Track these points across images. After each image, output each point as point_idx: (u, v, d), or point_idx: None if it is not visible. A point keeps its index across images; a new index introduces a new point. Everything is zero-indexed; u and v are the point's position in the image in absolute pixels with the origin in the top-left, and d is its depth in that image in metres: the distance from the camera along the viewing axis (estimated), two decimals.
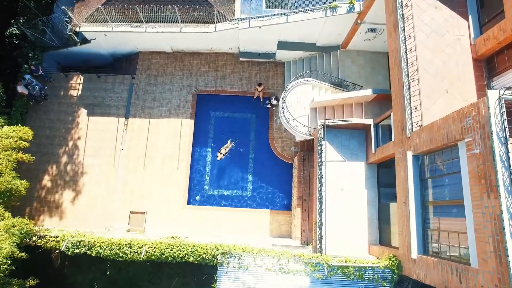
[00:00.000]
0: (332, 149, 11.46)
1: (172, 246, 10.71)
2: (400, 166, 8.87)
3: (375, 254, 10.13)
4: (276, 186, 15.54)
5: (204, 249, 10.49)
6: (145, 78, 16.94)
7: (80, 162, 15.79)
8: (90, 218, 15.09)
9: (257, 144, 16.13)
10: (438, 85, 8.96)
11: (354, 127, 11.53)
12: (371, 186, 11.20)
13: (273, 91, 16.51)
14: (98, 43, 16.24)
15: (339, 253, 10.33)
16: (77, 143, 16.04)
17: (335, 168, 11.31)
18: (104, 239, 10.99)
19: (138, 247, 10.79)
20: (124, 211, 15.14)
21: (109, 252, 10.81)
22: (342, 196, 11.11)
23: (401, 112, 8.93)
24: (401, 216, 8.57)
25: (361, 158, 11.50)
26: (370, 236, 10.83)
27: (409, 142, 8.42)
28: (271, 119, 16.22)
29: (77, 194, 15.42)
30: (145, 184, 15.47)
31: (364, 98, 11.80)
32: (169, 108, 16.45)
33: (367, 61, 15.65)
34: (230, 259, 10.24)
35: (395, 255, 8.66)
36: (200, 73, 16.97)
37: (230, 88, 16.71)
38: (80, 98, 16.66)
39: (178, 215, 15.04)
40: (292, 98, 13.27)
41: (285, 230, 14.87)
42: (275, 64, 17.00)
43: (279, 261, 9.80)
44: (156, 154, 15.82)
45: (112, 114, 16.45)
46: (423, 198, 7.97)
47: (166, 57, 17.25)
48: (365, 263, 8.72)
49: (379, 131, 10.92)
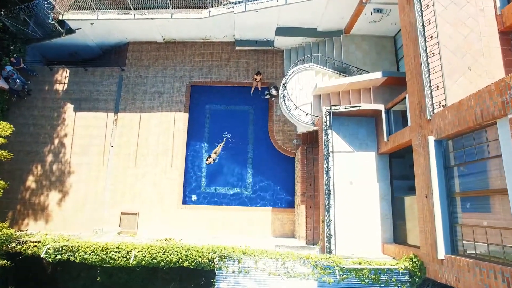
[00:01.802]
0: (339, 138, 10.41)
1: (165, 250, 9.66)
2: (419, 154, 7.82)
3: (391, 254, 9.09)
4: (278, 182, 14.47)
5: (200, 252, 9.44)
6: (135, 70, 15.85)
7: (66, 161, 14.71)
8: (78, 221, 14.02)
9: (256, 138, 15.06)
10: (459, 62, 7.92)
11: (363, 114, 10.48)
12: (383, 178, 10.15)
13: (272, 80, 15.45)
14: (84, 34, 15.18)
15: (350, 254, 9.29)
16: (63, 140, 14.96)
17: (343, 159, 10.27)
18: (90, 244, 9.92)
19: (126, 252, 9.73)
20: (114, 213, 14.07)
21: (95, 258, 9.74)
22: (351, 190, 10.07)
23: (418, 92, 7.88)
24: (422, 210, 7.52)
25: (371, 148, 10.45)
26: (383, 233, 9.79)
27: (429, 126, 7.37)
28: (271, 111, 15.15)
29: (64, 195, 14.34)
30: (137, 183, 14.39)
31: (373, 82, 10.74)
32: (161, 101, 15.37)
33: (372, 46, 14.58)
34: (229, 263, 9.19)
35: (416, 255, 7.60)
36: (194, 63, 15.89)
37: (226, 79, 15.63)
38: (66, 93, 15.56)
39: (173, 215, 13.97)
40: (293, 85, 12.19)
41: (289, 229, 13.83)
42: (274, 52, 15.95)
43: (283, 264, 8.75)
44: (148, 151, 14.74)
45: (101, 109, 15.36)
46: (449, 189, 6.92)
47: (158, 47, 16.16)
48: (382, 265, 7.66)
49: (391, 117, 9.87)
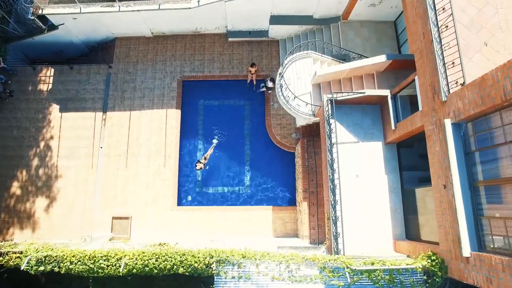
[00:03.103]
0: (343, 129, 9.64)
1: (157, 256, 8.86)
2: (433, 141, 7.07)
3: (404, 252, 8.33)
4: (278, 179, 13.69)
5: (196, 257, 8.65)
6: (124, 67, 15.02)
7: (53, 165, 13.86)
8: (67, 228, 13.19)
9: (253, 133, 14.27)
10: (474, 38, 7.19)
11: (367, 101, 9.72)
12: (392, 170, 9.39)
13: (268, 72, 14.66)
14: (68, 30, 14.33)
15: (359, 253, 8.53)
16: (49, 143, 14.11)
17: (347, 151, 9.50)
18: (75, 252, 9.11)
19: (116, 260, 8.92)
20: (106, 217, 13.24)
21: (82, 268, 8.92)
22: (358, 184, 9.30)
23: (430, 72, 7.12)
24: (439, 202, 6.76)
25: (377, 138, 9.69)
26: (394, 229, 9.03)
27: (445, 108, 6.61)
28: (268, 104, 14.36)
29: (52, 201, 13.49)
30: (128, 185, 13.56)
31: (376, 66, 9.97)
32: (151, 98, 14.55)
33: (371, 32, 13.84)
34: (228, 268, 8.42)
35: (435, 252, 6.84)
36: (185, 57, 15.08)
37: (219, 72, 14.83)
38: (51, 93, 14.71)
39: (168, 218, 13.16)
40: (291, 74, 11.41)
41: (291, 228, 13.05)
42: (269, 43, 15.16)
43: (287, 267, 7.98)
44: (140, 151, 13.91)
45: (88, 108, 14.52)
46: (471, 178, 6.16)
47: (146, 42, 15.33)
48: (397, 264, 6.90)
49: (398, 103, 9.11)
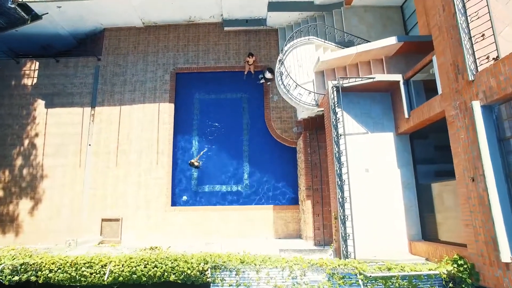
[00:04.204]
0: (350, 118, 8.74)
1: (146, 262, 7.96)
2: (457, 127, 6.17)
3: (422, 254, 7.43)
4: (279, 176, 12.78)
5: (189, 263, 7.74)
6: (113, 59, 14.10)
7: (38, 164, 12.96)
8: (53, 231, 12.29)
9: (252, 128, 13.36)
10: (502, 10, 6.30)
11: (376, 88, 8.81)
12: (405, 163, 8.49)
13: (267, 63, 13.75)
14: (53, 20, 13.42)
15: (371, 256, 7.63)
16: (34, 141, 13.20)
17: (355, 143, 8.60)
18: (55, 259, 8.20)
19: (100, 267, 8.02)
20: (95, 219, 12.33)
21: (62, 276, 8.02)
22: (368, 179, 8.40)
23: (452, 49, 6.22)
24: (466, 198, 5.87)
25: (388, 129, 8.79)
26: (409, 229, 8.14)
27: (473, 89, 5.71)
28: (267, 96, 13.46)
29: (37, 203, 12.59)
30: (119, 184, 12.65)
31: (386, 50, 9.06)
32: (143, 91, 13.64)
33: (377, 18, 12.94)
34: (224, 274, 7.52)
35: (462, 256, 5.95)
36: (178, 48, 14.16)
37: (214, 64, 13.92)
38: (36, 88, 13.80)
39: (161, 219, 12.25)
40: (291, 61, 10.51)
41: (293, 228, 12.15)
42: (267, 32, 14.25)
43: (291, 273, 7.09)
44: (130, 148, 13.00)
45: (76, 103, 13.62)
46: (507, 168, 5.27)
47: (137, 33, 14.42)
48: (418, 270, 6.00)
49: (412, 89, 8.21)
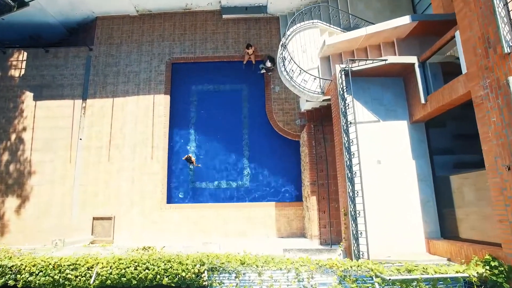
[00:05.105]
0: (360, 105, 7.99)
1: (137, 263, 7.21)
2: (486, 109, 5.42)
3: (442, 254, 6.69)
4: (281, 171, 12.04)
5: (184, 264, 6.99)
6: (106, 49, 13.36)
7: (26, 160, 12.22)
8: (42, 231, 11.56)
9: (252, 121, 12.61)
10: None
11: (388, 72, 8.07)
12: (421, 154, 7.75)
13: (267, 53, 12.99)
14: (42, 8, 12.71)
15: (384, 256, 6.89)
16: (21, 135, 12.46)
17: (366, 132, 7.85)
18: (37, 261, 7.46)
19: (86, 269, 7.27)
20: (86, 218, 11.60)
21: (44, 280, 7.26)
22: (380, 171, 7.66)
23: (481, 21, 5.47)
24: (499, 190, 5.12)
25: (401, 116, 8.04)
26: (426, 226, 7.39)
27: (509, 63, 4.96)
28: (268, 87, 12.71)
29: (24, 201, 11.86)
30: (111, 180, 11.92)
31: (398, 31, 8.31)
32: (137, 83, 12.90)
33: (384, 4, 12.19)
34: (223, 277, 6.77)
35: (496, 256, 5.21)
36: (174, 37, 13.42)
37: (213, 53, 13.17)
38: (23, 79, 13.06)
39: (156, 217, 11.51)
40: (295, 46, 9.76)
41: (297, 226, 11.42)
42: (268, 20, 13.50)
43: (298, 275, 6.34)
44: (124, 142, 12.26)
45: (66, 95, 12.88)
46: None
47: (131, 21, 13.68)
48: (444, 272, 5.26)
49: (428, 72, 7.47)
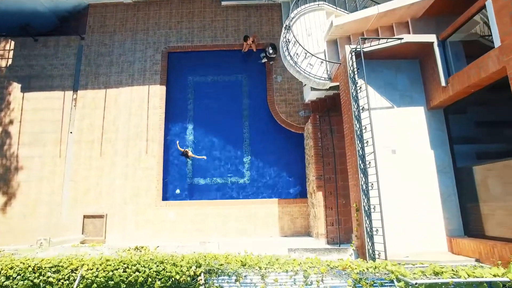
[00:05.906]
0: (372, 90, 7.26)
1: (126, 265, 6.49)
2: None
3: (469, 254, 5.97)
4: (284, 166, 11.32)
5: (178, 266, 6.27)
6: (98, 38, 12.64)
7: (13, 155, 11.50)
8: (29, 230, 10.85)
9: (253, 113, 11.89)
10: None
11: (402, 54, 7.34)
12: (439, 143, 7.02)
13: (269, 41, 12.27)
14: None
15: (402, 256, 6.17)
16: (8, 129, 11.74)
17: (379, 120, 7.13)
18: (15, 263, 6.74)
19: (70, 271, 6.56)
20: (76, 216, 10.88)
21: (22, 284, 6.55)
22: (395, 162, 6.94)
23: None
24: None
25: (417, 102, 7.31)
26: (447, 222, 6.67)
27: None
28: (269, 77, 11.98)
29: (10, 199, 11.14)
30: (103, 176, 11.19)
31: (414, 9, 7.56)
32: (131, 73, 12.17)
33: None
34: (222, 280, 6.04)
35: None
36: (171, 25, 12.69)
37: (211, 42, 12.44)
38: (10, 70, 12.34)
39: (151, 215, 10.78)
40: (299, 29, 9.02)
41: (301, 225, 10.70)
42: (269, 7, 12.78)
43: (306, 278, 5.61)
44: (117, 135, 11.54)
45: (56, 87, 12.16)
46: None
47: (125, 9, 12.95)
48: (478, 276, 4.54)
49: (449, 51, 6.74)
